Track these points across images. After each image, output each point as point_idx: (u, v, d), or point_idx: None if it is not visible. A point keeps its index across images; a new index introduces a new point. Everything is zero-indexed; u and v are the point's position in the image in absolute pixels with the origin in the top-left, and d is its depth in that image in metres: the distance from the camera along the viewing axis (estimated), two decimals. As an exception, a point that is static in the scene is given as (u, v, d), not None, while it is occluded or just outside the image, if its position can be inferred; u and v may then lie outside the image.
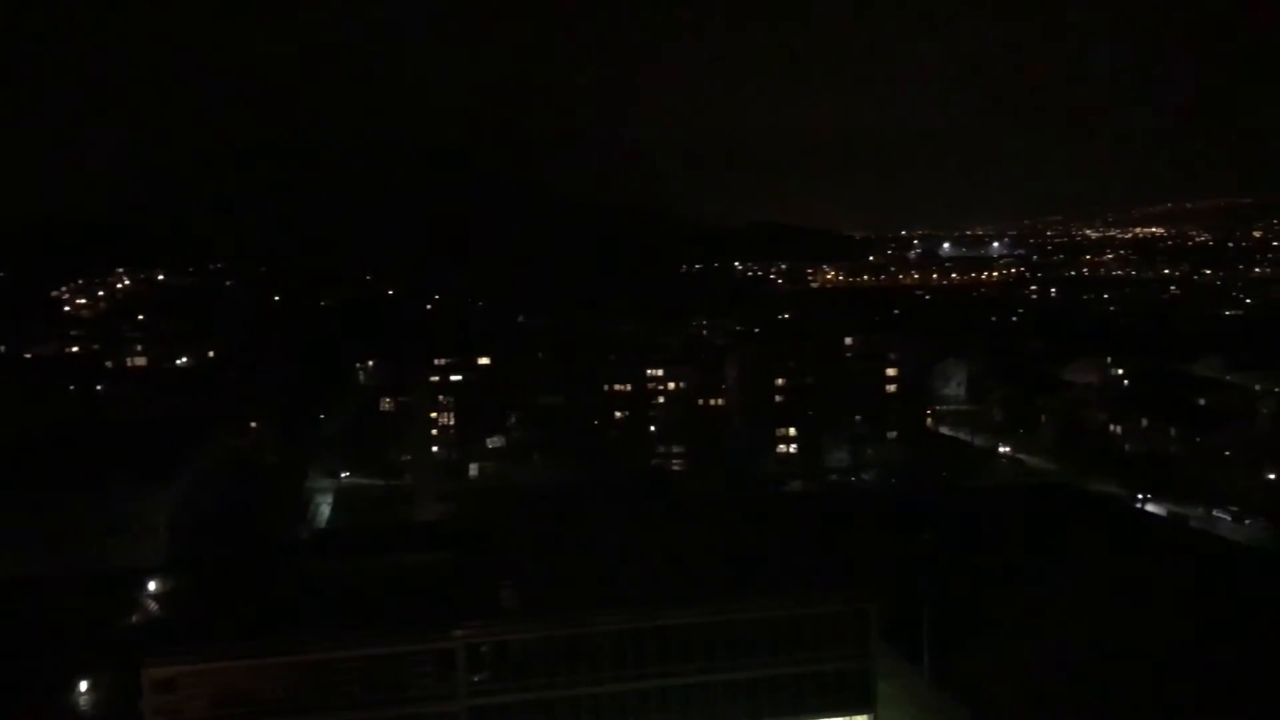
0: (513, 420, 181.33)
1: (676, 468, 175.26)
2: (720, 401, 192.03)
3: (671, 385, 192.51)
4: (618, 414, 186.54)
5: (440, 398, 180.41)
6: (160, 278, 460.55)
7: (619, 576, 74.58)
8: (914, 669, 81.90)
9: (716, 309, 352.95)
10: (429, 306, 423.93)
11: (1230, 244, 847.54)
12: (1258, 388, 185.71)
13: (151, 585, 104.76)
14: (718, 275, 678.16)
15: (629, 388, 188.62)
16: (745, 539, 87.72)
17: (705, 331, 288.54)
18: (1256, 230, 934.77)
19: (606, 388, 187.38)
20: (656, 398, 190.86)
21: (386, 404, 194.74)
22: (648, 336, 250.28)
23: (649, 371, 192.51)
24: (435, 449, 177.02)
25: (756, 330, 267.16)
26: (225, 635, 65.70)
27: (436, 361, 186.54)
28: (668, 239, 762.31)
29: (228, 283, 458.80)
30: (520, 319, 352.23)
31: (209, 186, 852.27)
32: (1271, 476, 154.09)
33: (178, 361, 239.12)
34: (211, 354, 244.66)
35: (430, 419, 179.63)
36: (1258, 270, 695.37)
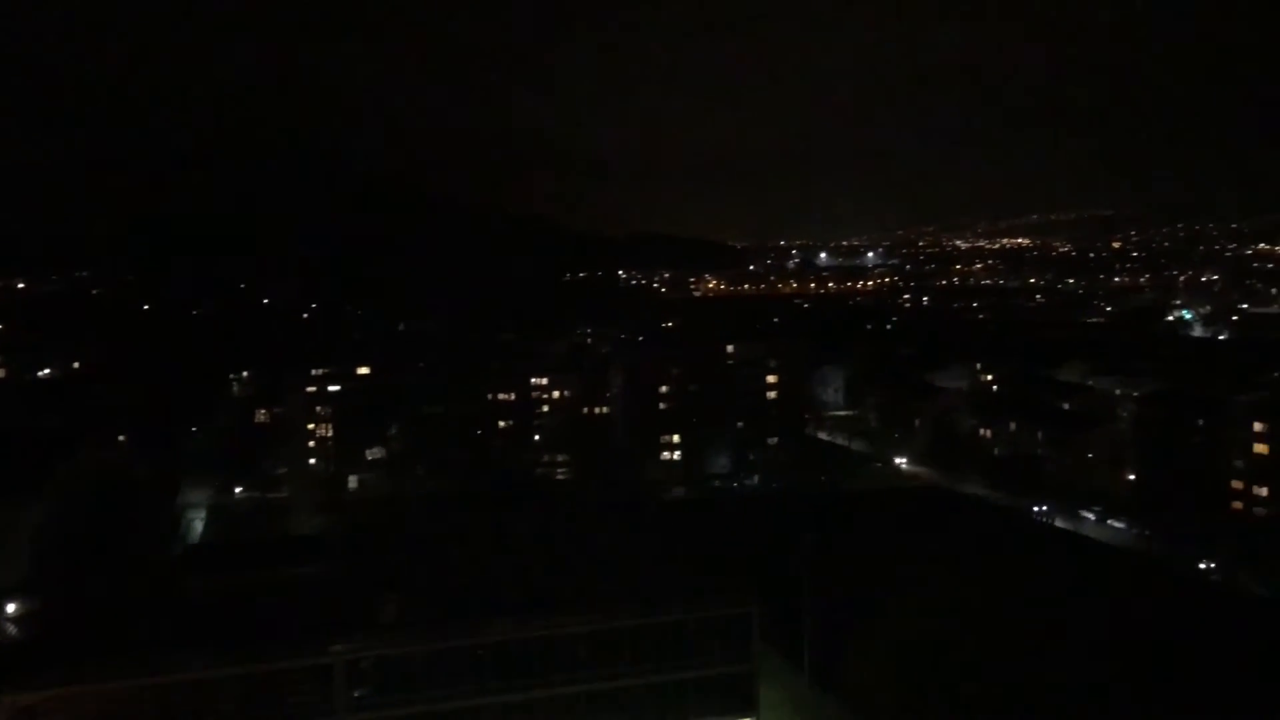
0: (393, 431, 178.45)
1: (561, 476, 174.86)
2: (604, 409, 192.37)
3: (556, 394, 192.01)
4: (501, 423, 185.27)
5: (318, 408, 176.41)
6: (20, 286, 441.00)
7: (502, 587, 74.19)
8: (795, 671, 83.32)
9: (600, 317, 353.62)
10: (305, 315, 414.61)
11: (1091, 254, 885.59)
12: (1118, 392, 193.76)
13: (11, 608, 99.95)
14: (602, 284, 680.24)
15: (513, 396, 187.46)
16: (629, 546, 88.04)
17: (589, 340, 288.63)
18: (1116, 241, 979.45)
19: (490, 397, 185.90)
20: (541, 406, 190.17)
21: (262, 415, 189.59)
22: (532, 345, 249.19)
23: (533, 380, 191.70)
24: (313, 461, 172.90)
25: (640, 338, 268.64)
26: (90, 659, 63.08)
27: (314, 371, 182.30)
28: (552, 248, 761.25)
29: (94, 291, 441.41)
30: (401, 327, 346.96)
31: (71, 192, 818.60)
32: (1131, 476, 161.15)
33: (40, 373, 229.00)
34: (77, 365, 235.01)
35: (308, 430, 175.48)
36: (1117, 279, 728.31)
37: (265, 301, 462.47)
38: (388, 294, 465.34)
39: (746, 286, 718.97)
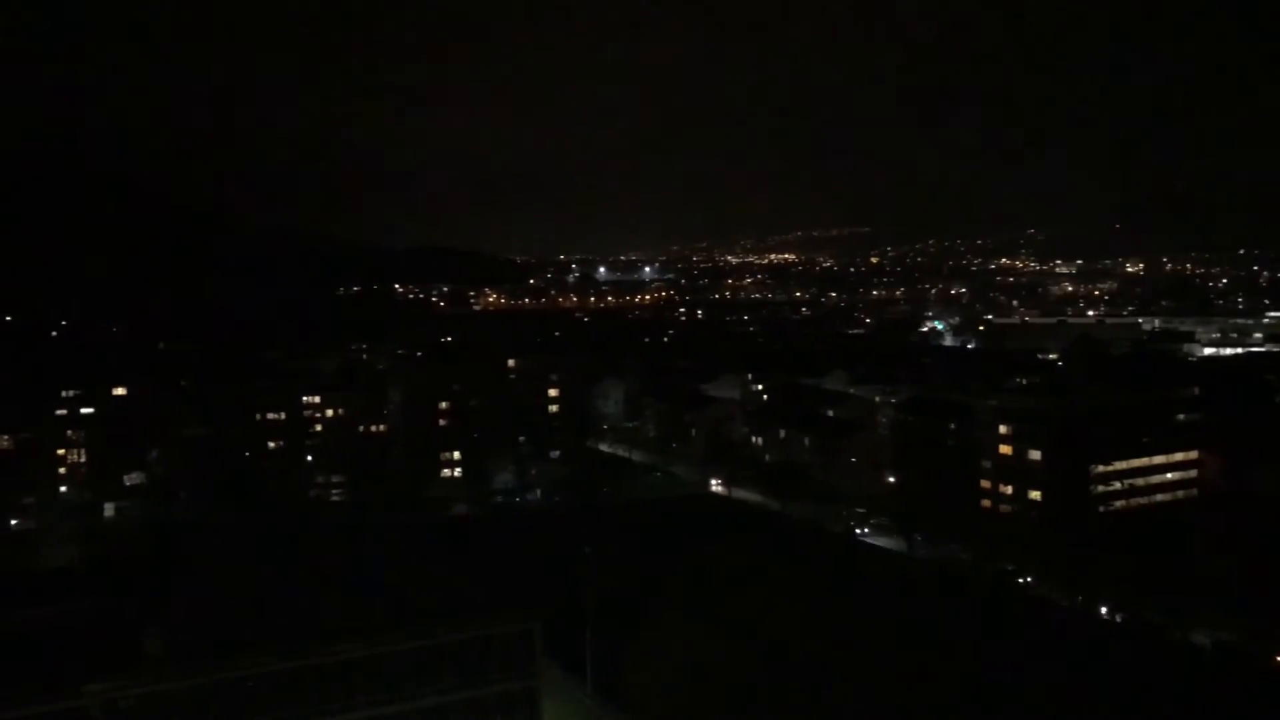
0: (153, 454, 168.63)
1: (336, 497, 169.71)
2: (382, 427, 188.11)
3: (330, 412, 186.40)
4: (271, 444, 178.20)
5: (69, 432, 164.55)
6: None
7: (274, 614, 71.21)
8: (579, 684, 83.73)
9: (376, 333, 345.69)
10: (55, 333, 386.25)
11: (852, 269, 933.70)
12: (877, 399, 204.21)
13: None
14: (377, 298, 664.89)
15: (283, 416, 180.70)
16: (408, 566, 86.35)
17: (365, 355, 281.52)
18: (874, 257, 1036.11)
19: (258, 417, 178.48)
20: (314, 425, 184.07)
21: (5, 441, 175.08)
22: (303, 362, 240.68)
23: (305, 398, 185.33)
24: (64, 488, 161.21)
25: (418, 353, 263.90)
26: None
27: (64, 392, 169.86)
28: (324, 261, 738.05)
29: None
30: (161, 345, 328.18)
31: None
32: (891, 478, 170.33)
33: None
34: None
35: (58, 456, 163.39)
36: (875, 293, 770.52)
37: (8, 319, 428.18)
38: (146, 311, 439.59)
39: (527, 301, 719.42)
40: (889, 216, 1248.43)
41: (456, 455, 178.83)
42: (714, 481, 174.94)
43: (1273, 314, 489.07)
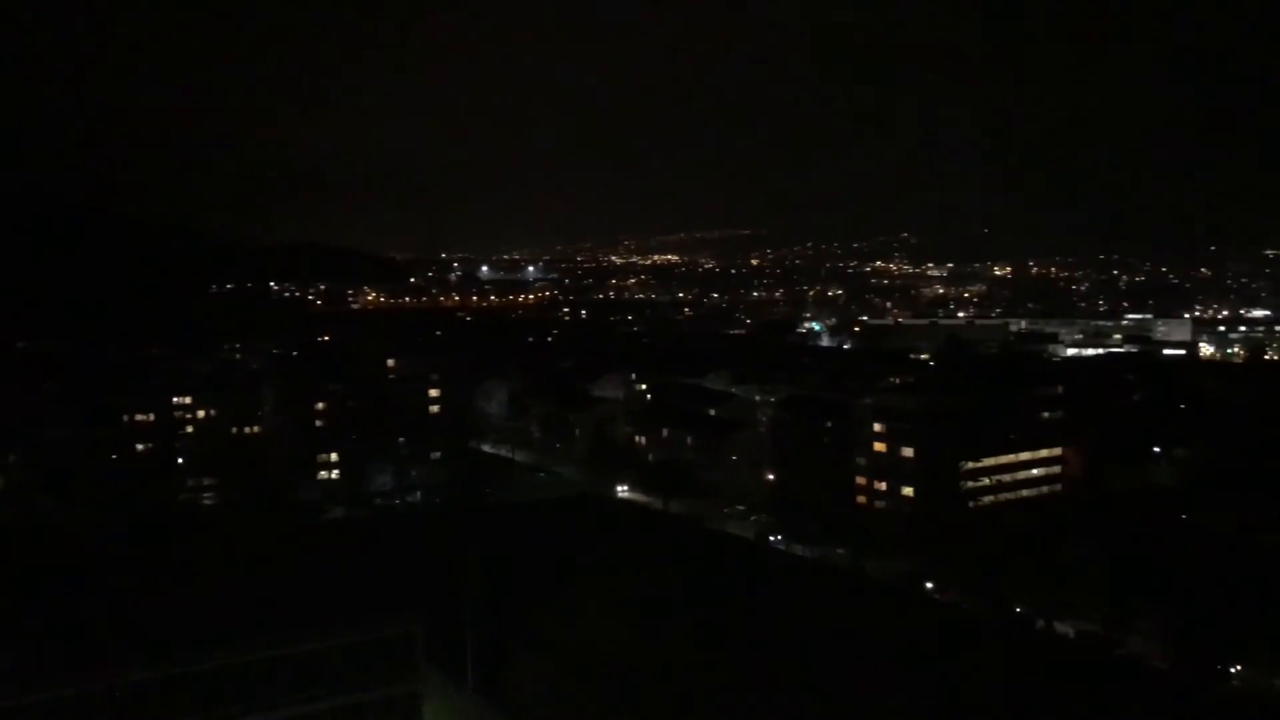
0: (11, 458, 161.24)
1: (208, 501, 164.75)
2: (256, 429, 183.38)
3: (201, 413, 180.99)
4: (140, 446, 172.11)
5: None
6: None
7: (139, 622, 68.83)
8: (460, 687, 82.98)
9: (250, 332, 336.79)
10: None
11: (733, 270, 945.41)
12: (758, 398, 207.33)
13: None
14: (252, 296, 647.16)
15: (152, 418, 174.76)
16: (283, 570, 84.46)
17: (239, 355, 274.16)
18: (754, 259, 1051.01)
19: (126, 418, 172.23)
20: (185, 427, 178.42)
21: None
22: (173, 362, 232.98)
23: (175, 399, 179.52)
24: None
25: (294, 353, 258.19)
26: None
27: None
28: (196, 258, 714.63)
29: None
30: (20, 344, 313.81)
31: None
32: (770, 476, 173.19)
33: None
34: None
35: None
36: (756, 294, 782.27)
37: None
38: (3, 308, 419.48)
39: (407, 300, 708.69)
40: (769, 220, 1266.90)
41: (334, 457, 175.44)
42: (621, 488, 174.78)
43: (1131, 316, 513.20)
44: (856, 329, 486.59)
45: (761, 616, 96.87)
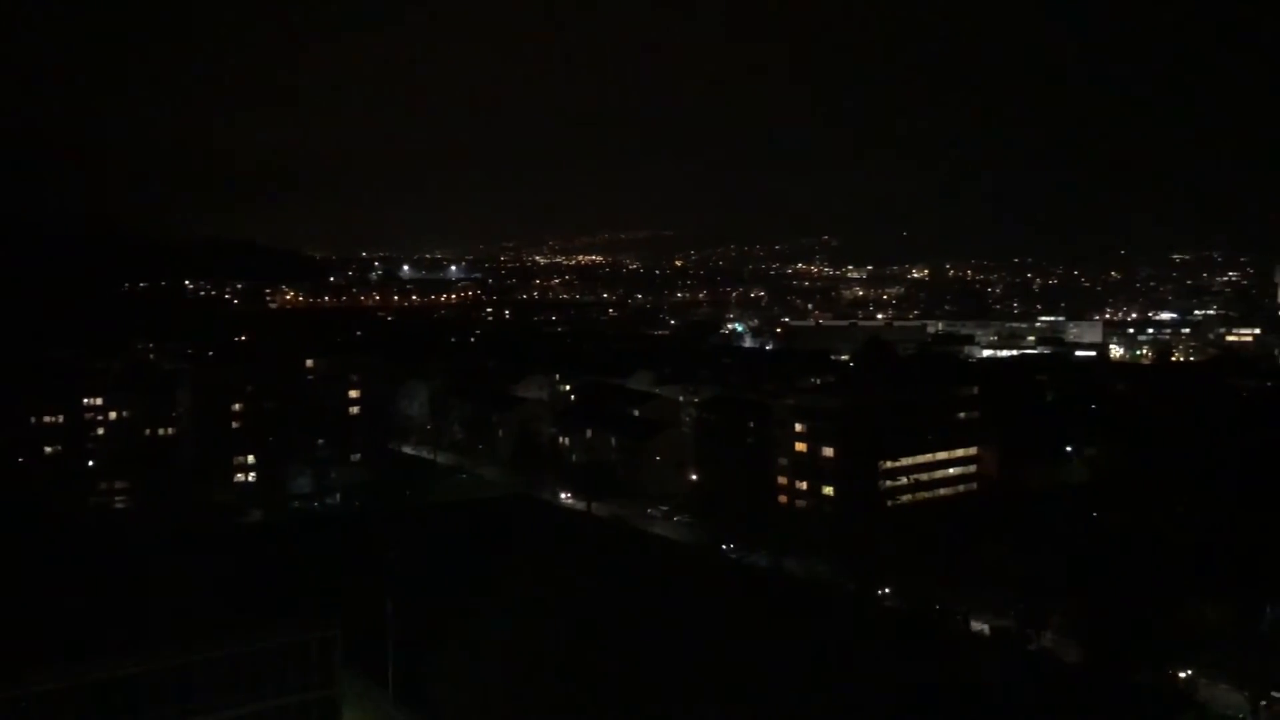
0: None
1: (121, 504, 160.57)
2: (170, 431, 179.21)
3: (113, 415, 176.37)
4: (48, 449, 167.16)
5: None
6: None
7: (51, 629, 66.99)
8: (380, 691, 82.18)
9: (165, 331, 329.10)
10: None
11: (657, 271, 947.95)
12: (681, 399, 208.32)
13: None
14: (166, 295, 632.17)
15: (61, 419, 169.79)
16: (198, 574, 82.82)
17: (152, 355, 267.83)
18: (678, 260, 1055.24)
19: (33, 420, 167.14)
20: (96, 429, 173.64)
21: None
22: (84, 362, 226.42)
23: (86, 400, 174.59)
24: None
25: (210, 353, 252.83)
26: None
27: None
28: (108, 255, 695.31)
29: None
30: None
31: None
32: (694, 476, 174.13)
33: None
34: None
35: None
36: (680, 295, 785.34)
37: None
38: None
39: (327, 299, 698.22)
40: (693, 221, 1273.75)
41: (251, 459, 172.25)
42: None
43: (1045, 318, 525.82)
44: (779, 330, 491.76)
45: (684, 617, 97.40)
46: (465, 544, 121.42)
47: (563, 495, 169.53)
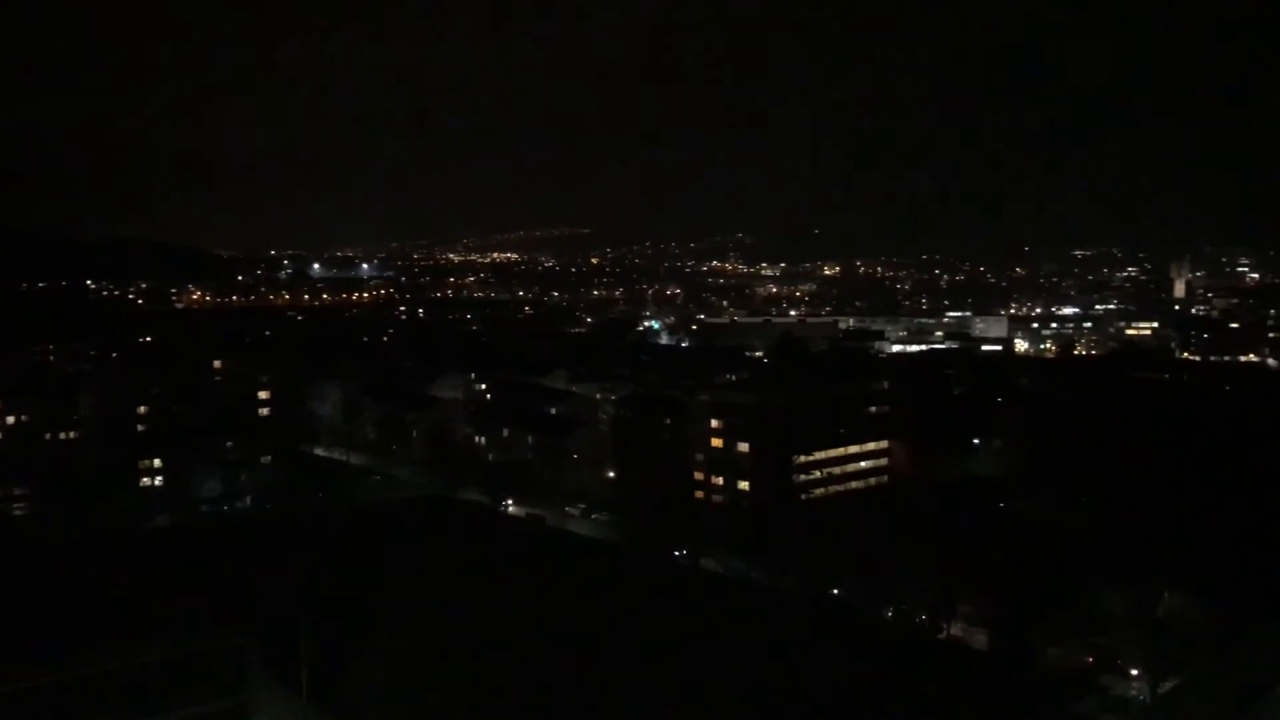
0: None
1: (20, 511, 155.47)
2: (73, 434, 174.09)
3: (11, 419, 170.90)
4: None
5: None
6: None
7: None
8: (294, 697, 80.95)
9: (66, 332, 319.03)
10: None
11: (573, 269, 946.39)
12: (598, 396, 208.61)
13: None
14: (67, 295, 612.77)
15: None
16: (102, 583, 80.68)
17: (53, 357, 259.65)
18: (594, 258, 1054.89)
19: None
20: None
21: None
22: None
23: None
24: None
25: (114, 354, 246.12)
26: None
27: None
28: (5, 254, 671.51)
29: None
30: None
31: None
32: (611, 474, 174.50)
33: None
34: None
35: None
36: (595, 293, 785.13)
37: None
38: None
39: (235, 298, 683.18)
40: (609, 218, 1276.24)
41: (158, 463, 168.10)
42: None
43: (952, 314, 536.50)
44: (694, 327, 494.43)
45: (604, 616, 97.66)
46: (379, 546, 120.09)
47: (479, 495, 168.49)
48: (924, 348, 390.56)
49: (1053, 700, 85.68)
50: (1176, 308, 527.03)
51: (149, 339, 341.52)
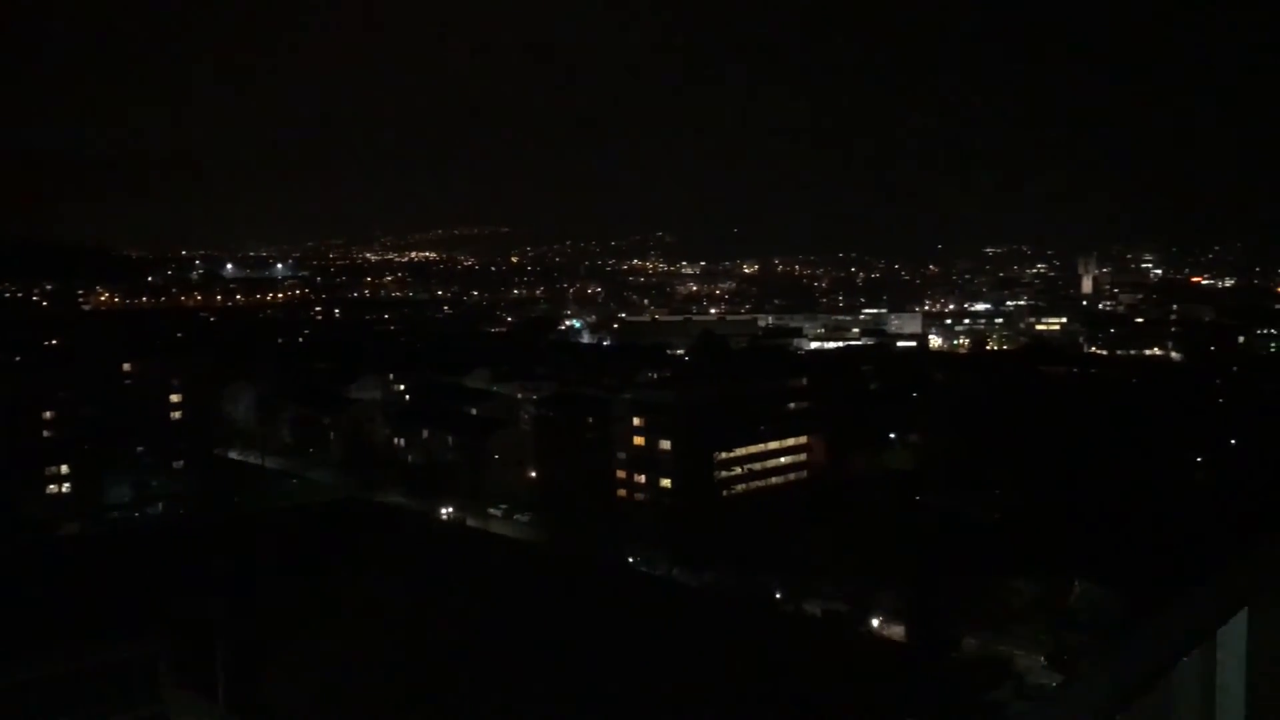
0: None
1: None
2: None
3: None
4: None
5: None
6: None
7: None
8: (210, 707, 79.24)
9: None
10: None
11: (493, 268, 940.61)
12: (520, 396, 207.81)
13: None
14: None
15: None
16: (10, 594, 78.18)
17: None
18: (514, 256, 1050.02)
19: None
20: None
21: None
22: None
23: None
24: None
25: (18, 359, 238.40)
26: None
27: None
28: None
29: None
30: None
31: None
32: (533, 474, 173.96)
33: None
34: None
35: None
36: (516, 292, 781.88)
37: None
38: None
39: (145, 300, 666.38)
40: (529, 217, 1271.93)
41: (64, 469, 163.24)
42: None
43: (868, 311, 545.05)
44: (616, 326, 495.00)
45: (523, 617, 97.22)
46: (296, 550, 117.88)
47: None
48: (841, 344, 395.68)
49: (968, 689, 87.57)
50: (1084, 303, 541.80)
51: (55, 342, 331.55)
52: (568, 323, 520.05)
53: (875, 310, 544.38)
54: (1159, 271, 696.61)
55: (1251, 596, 4.58)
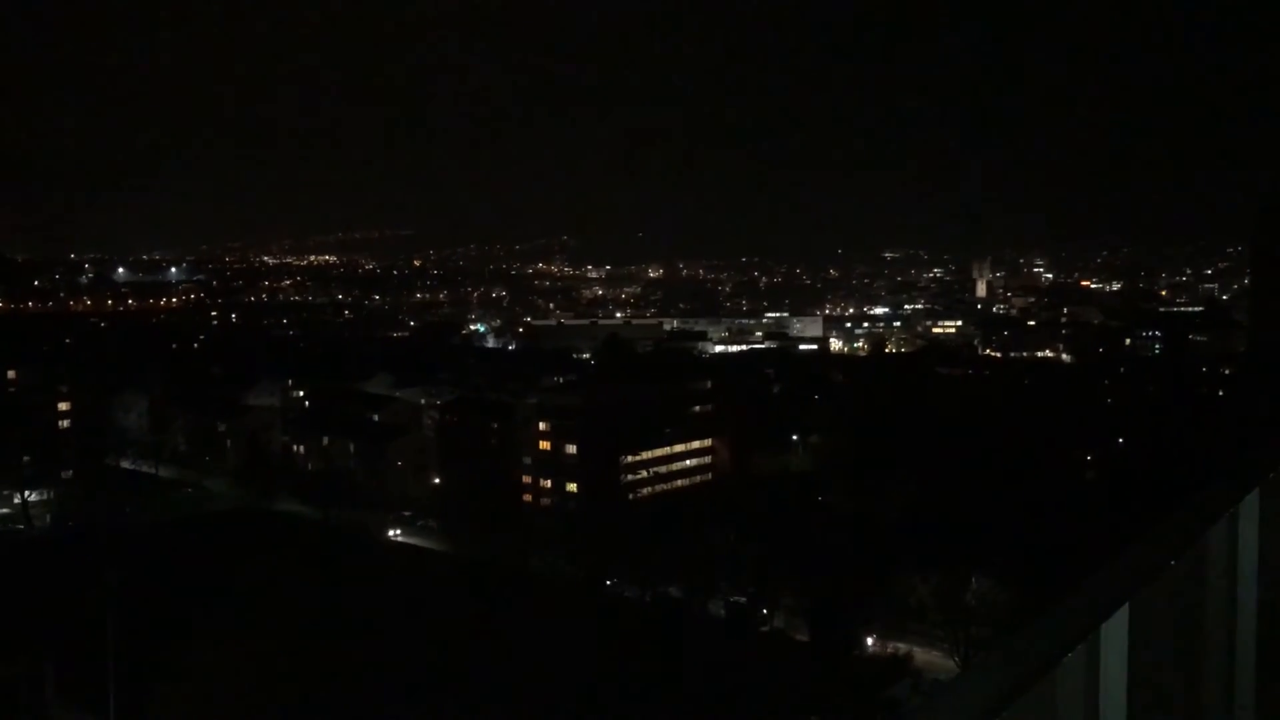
0: None
1: None
2: None
3: None
4: None
5: None
6: None
7: None
8: (100, 723, 76.87)
9: None
10: None
11: (395, 271, 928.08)
12: (423, 401, 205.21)
13: None
14: None
15: None
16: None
17: None
18: (416, 260, 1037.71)
19: None
20: None
21: None
22: None
23: None
24: None
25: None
26: None
27: None
28: None
29: None
30: None
31: None
32: (437, 480, 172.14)
33: None
34: None
35: None
36: (419, 296, 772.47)
37: None
38: None
39: (30, 304, 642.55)
40: (431, 220, 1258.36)
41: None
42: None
43: (770, 314, 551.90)
44: (520, 330, 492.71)
45: (422, 622, 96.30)
46: (190, 562, 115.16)
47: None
48: (745, 348, 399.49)
49: (868, 686, 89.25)
50: (979, 307, 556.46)
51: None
52: (471, 327, 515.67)
53: (778, 314, 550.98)
54: (1050, 276, 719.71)
55: (1132, 593, 4.92)
